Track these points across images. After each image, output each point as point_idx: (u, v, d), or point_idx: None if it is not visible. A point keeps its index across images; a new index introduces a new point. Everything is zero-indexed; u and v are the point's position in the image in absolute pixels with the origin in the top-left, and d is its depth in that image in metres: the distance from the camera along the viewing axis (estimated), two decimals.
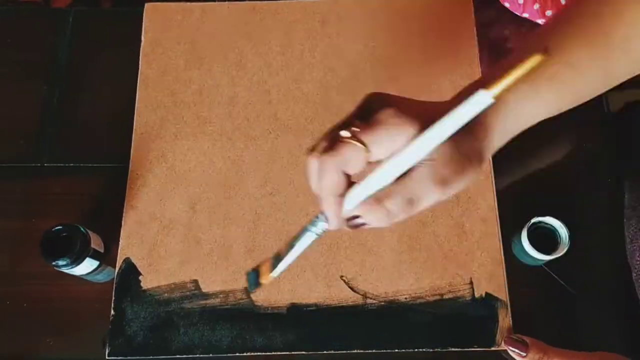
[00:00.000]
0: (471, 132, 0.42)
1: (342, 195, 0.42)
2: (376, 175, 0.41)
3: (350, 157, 0.41)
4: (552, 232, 0.67)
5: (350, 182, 0.42)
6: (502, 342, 0.65)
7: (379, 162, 0.41)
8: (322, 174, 0.42)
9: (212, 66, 0.78)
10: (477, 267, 0.69)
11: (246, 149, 0.74)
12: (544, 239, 0.67)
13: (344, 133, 0.40)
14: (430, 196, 0.41)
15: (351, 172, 0.41)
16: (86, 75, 0.79)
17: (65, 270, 0.64)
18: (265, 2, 0.81)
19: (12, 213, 0.73)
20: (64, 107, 0.77)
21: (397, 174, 0.41)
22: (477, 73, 0.77)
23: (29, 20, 0.84)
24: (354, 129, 0.40)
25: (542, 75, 0.45)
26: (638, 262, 0.66)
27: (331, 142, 0.41)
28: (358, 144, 0.40)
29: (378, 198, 0.42)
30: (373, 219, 0.42)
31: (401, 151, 0.40)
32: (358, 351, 0.66)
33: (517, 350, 0.62)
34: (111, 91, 0.78)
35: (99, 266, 0.67)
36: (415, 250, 0.69)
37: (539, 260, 0.66)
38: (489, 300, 0.67)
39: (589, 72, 0.46)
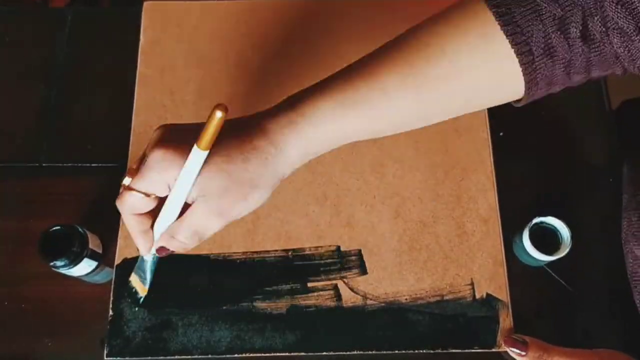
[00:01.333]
0: (250, 161, 0.44)
1: (147, 229, 0.47)
2: (162, 213, 0.46)
3: (134, 204, 0.44)
4: (553, 233, 0.67)
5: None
6: (502, 343, 0.64)
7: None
8: (123, 217, 0.46)
9: (212, 65, 0.77)
10: (478, 268, 0.68)
11: None
12: (546, 240, 0.66)
13: (125, 181, 0.45)
14: (213, 225, 0.45)
15: (144, 211, 0.46)
16: (84, 74, 0.79)
17: (63, 271, 0.63)
18: (265, 0, 0.81)
19: (10, 213, 0.72)
20: (62, 107, 0.77)
21: (175, 211, 0.45)
22: None
23: (28, 19, 0.83)
24: (129, 177, 0.44)
25: (350, 98, 0.45)
26: (630, 264, 0.66)
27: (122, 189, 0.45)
28: (135, 192, 0.44)
29: (170, 233, 0.46)
30: (173, 248, 0.47)
31: (170, 193, 0.45)
32: (358, 352, 0.65)
33: (516, 350, 0.61)
34: (109, 91, 0.78)
35: (97, 267, 0.66)
36: (415, 250, 0.69)
37: (540, 260, 0.66)
38: (490, 301, 0.67)
39: (401, 101, 0.46)
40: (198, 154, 0.42)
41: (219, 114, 0.41)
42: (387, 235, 0.70)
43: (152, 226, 0.48)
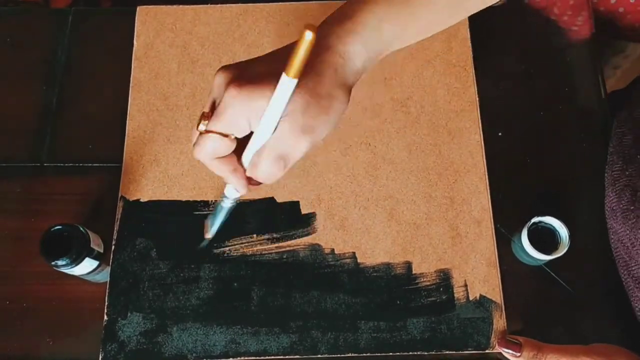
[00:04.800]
0: (323, 74, 0.44)
1: (235, 167, 0.46)
2: (250, 147, 0.45)
3: (215, 147, 0.44)
4: (552, 232, 0.67)
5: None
6: (496, 344, 0.65)
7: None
8: (206, 164, 0.45)
9: (205, 69, 0.77)
10: (472, 270, 0.68)
11: None
12: (544, 239, 0.66)
13: (200, 127, 0.44)
14: (300, 146, 0.44)
15: (225, 154, 0.45)
16: (86, 74, 0.79)
17: (64, 270, 0.64)
18: (258, 4, 0.81)
19: (12, 213, 0.73)
20: (63, 107, 0.77)
21: (263, 141, 0.44)
22: (469, 74, 0.76)
23: (28, 20, 0.84)
24: (206, 122, 0.43)
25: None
26: (612, 240, 0.68)
27: (197, 136, 0.44)
28: (215, 135, 0.43)
29: (253, 163, 0.45)
30: (260, 179, 0.46)
31: (258, 125, 0.43)
32: (352, 355, 0.66)
33: (510, 351, 0.62)
34: (110, 91, 0.78)
35: (98, 266, 0.67)
36: (409, 253, 0.69)
37: (539, 260, 0.66)
38: (484, 302, 0.67)
39: None
40: (288, 82, 0.40)
41: (309, 35, 0.36)
42: (380, 237, 0.70)
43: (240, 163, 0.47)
